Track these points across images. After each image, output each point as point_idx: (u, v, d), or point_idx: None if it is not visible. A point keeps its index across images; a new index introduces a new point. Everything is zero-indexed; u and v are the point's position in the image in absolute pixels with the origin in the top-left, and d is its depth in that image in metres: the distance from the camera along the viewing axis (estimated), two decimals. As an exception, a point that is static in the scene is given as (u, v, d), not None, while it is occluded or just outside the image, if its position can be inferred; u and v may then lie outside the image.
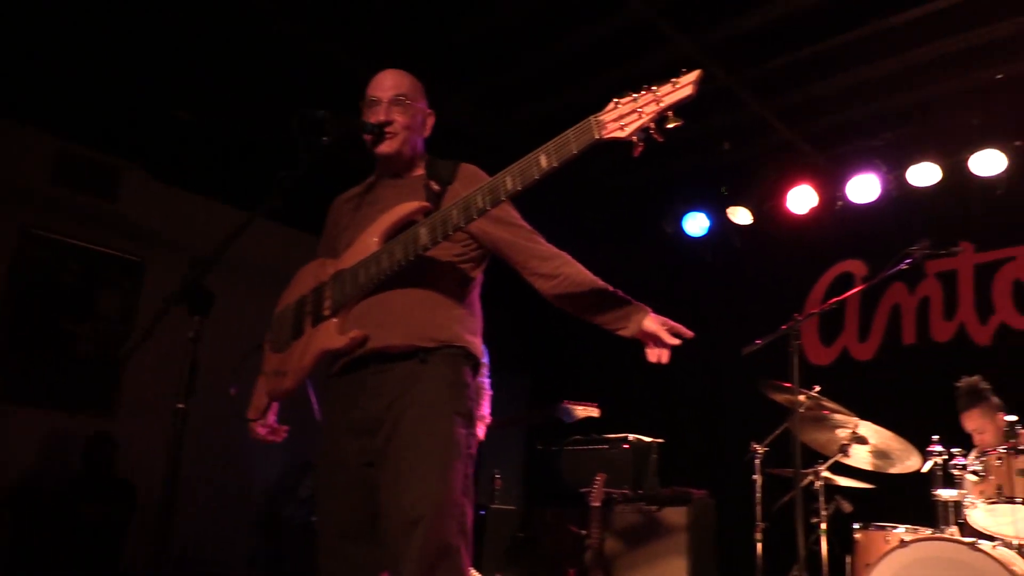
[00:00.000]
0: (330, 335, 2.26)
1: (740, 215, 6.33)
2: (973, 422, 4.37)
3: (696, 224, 6.58)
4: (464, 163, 2.42)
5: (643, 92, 1.90)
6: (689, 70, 1.89)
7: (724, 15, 4.84)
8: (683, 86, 1.86)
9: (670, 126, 1.89)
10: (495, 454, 7.07)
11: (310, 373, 2.32)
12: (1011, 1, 4.54)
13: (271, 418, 2.47)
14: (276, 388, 2.38)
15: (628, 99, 1.91)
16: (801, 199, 6.05)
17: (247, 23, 4.81)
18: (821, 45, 5.02)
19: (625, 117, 1.90)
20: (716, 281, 6.59)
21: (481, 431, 3.60)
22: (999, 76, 5.14)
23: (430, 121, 2.52)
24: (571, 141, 1.96)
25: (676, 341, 2.26)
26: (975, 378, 4.43)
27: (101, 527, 5.19)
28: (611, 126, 1.91)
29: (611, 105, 1.93)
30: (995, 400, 4.35)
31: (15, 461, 5.30)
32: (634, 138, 1.90)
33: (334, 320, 2.26)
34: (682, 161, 6.40)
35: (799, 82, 5.39)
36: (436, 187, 2.35)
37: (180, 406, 1.96)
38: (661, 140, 1.89)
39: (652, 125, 1.88)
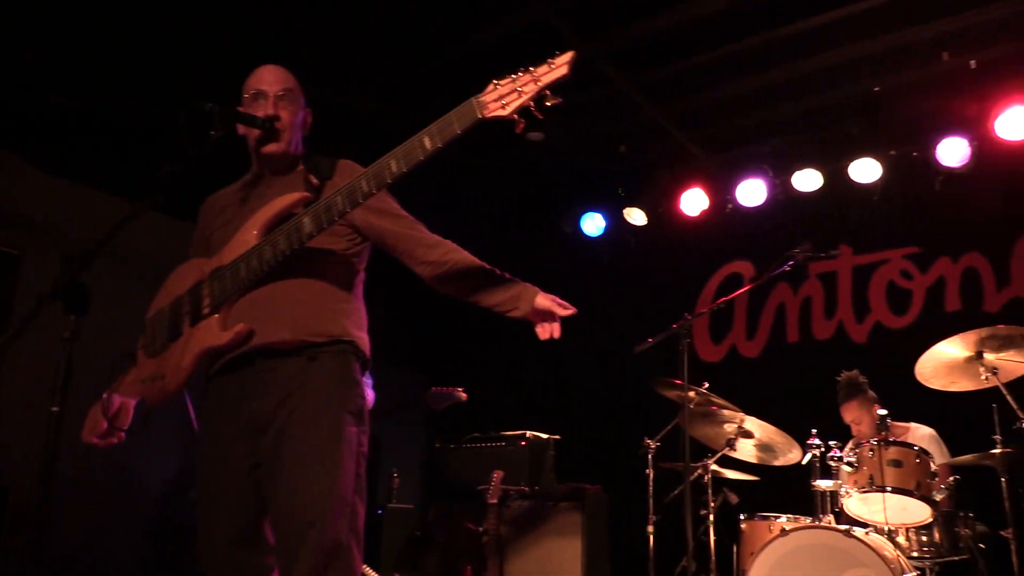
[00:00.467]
0: (212, 332, 2.19)
1: (636, 216, 6.48)
2: (851, 413, 4.62)
3: (593, 224, 6.71)
4: (342, 159, 2.39)
5: (521, 73, 1.99)
6: (572, 60, 1.97)
7: (621, 21, 4.94)
8: (559, 66, 1.96)
9: (549, 104, 1.99)
10: (393, 453, 7.04)
11: (192, 374, 2.25)
12: (889, 17, 4.80)
13: (103, 424, 2.34)
14: (155, 393, 2.29)
15: (507, 80, 2.00)
16: (693, 202, 6.25)
17: (131, 7, 4.61)
18: (714, 53, 5.19)
19: (505, 97, 1.98)
20: (612, 280, 6.73)
21: None
22: (876, 88, 5.43)
23: (308, 118, 2.49)
24: (454, 122, 2.01)
25: (567, 312, 2.29)
26: (854, 372, 4.68)
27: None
28: (492, 106, 1.98)
29: (491, 87, 2.01)
30: (871, 394, 4.61)
31: None
32: (515, 116, 1.98)
33: (215, 317, 2.19)
34: (581, 163, 6.50)
35: (693, 88, 5.56)
36: (316, 181, 2.31)
37: (54, 409, 1.88)
38: (541, 117, 1.99)
39: (532, 103, 1.97)
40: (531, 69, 1.97)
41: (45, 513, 1.89)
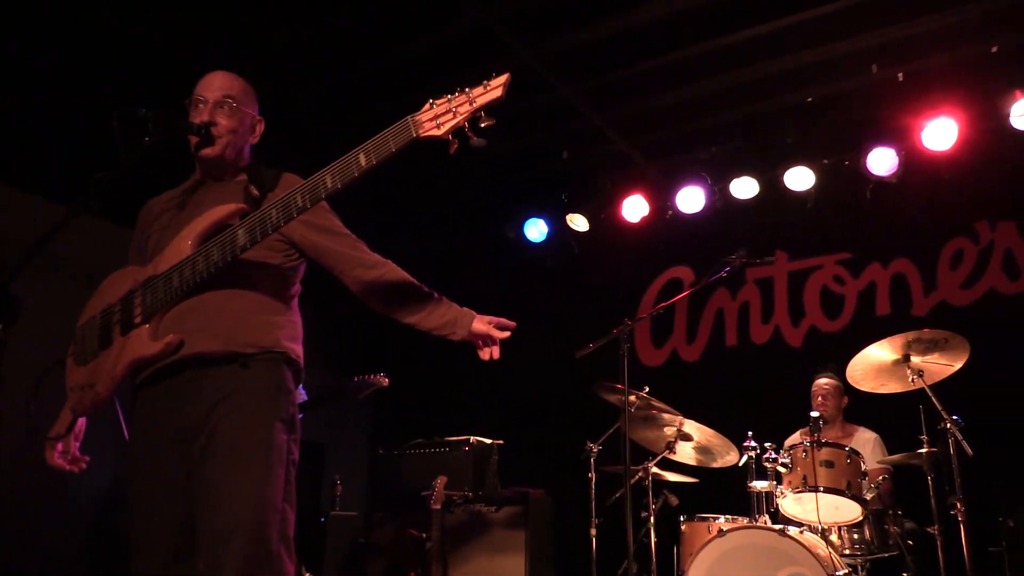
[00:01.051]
0: (143, 342, 2.16)
1: (578, 222, 6.54)
2: (827, 390, 4.79)
3: (536, 230, 6.75)
4: (288, 172, 2.38)
5: (457, 94, 2.01)
6: (507, 82, 2.00)
7: (563, 28, 4.99)
8: (493, 88, 1.99)
9: (483, 125, 2.01)
10: (337, 460, 6.98)
11: (122, 382, 2.22)
12: (822, 30, 4.94)
13: (74, 445, 2.36)
14: (84, 401, 2.25)
15: (443, 100, 2.02)
16: (634, 208, 6.33)
17: (65, 7, 4.50)
18: (655, 61, 5.27)
19: (441, 117, 2.00)
20: (555, 285, 6.78)
21: None
22: (810, 99, 5.59)
23: (260, 128, 2.48)
24: (389, 140, 2.04)
25: (505, 335, 2.36)
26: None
27: None
28: (427, 125, 2.00)
29: (427, 106, 2.02)
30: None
31: None
32: (449, 136, 2.00)
33: (146, 326, 2.17)
34: (524, 169, 6.55)
35: (634, 95, 5.64)
36: (256, 192, 2.30)
37: (-17, 422, 1.83)
38: (474, 138, 2.02)
39: (466, 124, 1.99)
40: (467, 90, 2.00)
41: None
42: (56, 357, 2.35)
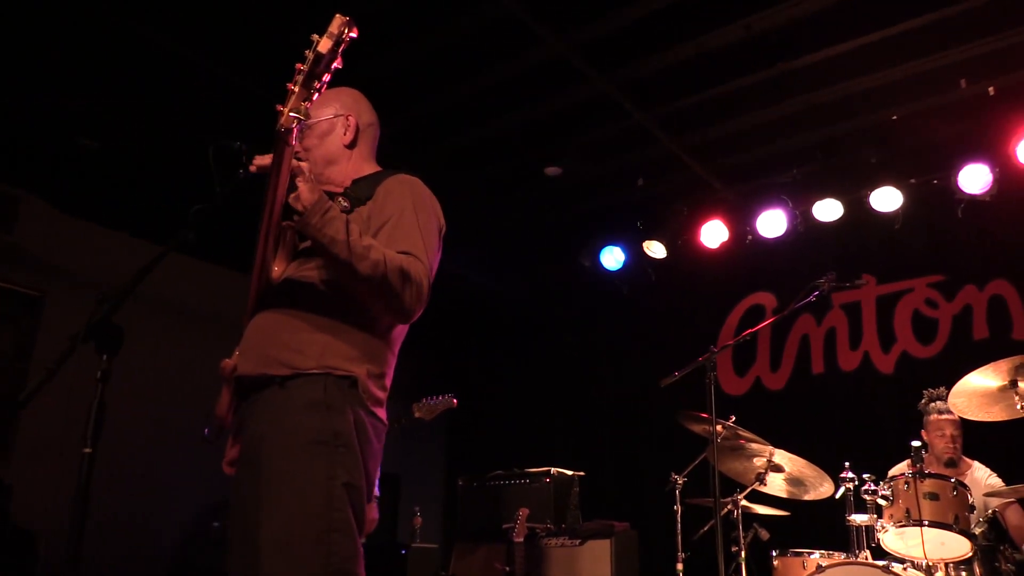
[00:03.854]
0: (229, 359, 2.22)
1: (655, 249, 6.46)
2: (949, 427, 4.47)
3: (612, 258, 6.68)
4: (389, 179, 2.27)
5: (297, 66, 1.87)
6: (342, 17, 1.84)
7: (637, 54, 4.96)
8: (317, 43, 1.84)
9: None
10: (414, 491, 6.97)
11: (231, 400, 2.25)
12: (905, 48, 4.80)
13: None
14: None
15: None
16: (713, 233, 6.22)
17: (156, 51, 4.66)
18: (731, 84, 5.20)
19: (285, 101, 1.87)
20: (632, 314, 6.69)
21: None
22: (894, 117, 5.42)
23: (351, 122, 2.37)
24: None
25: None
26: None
27: (-5, 580, 4.85)
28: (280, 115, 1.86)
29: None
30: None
31: None
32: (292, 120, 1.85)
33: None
34: (598, 196, 6.51)
35: (710, 120, 5.57)
36: (345, 204, 2.20)
37: (87, 450, 1.85)
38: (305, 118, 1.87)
39: (301, 106, 1.84)
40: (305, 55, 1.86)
41: (76, 556, 1.85)
42: (141, 389, 2.38)
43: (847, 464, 4.04)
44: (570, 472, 4.85)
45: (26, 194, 5.70)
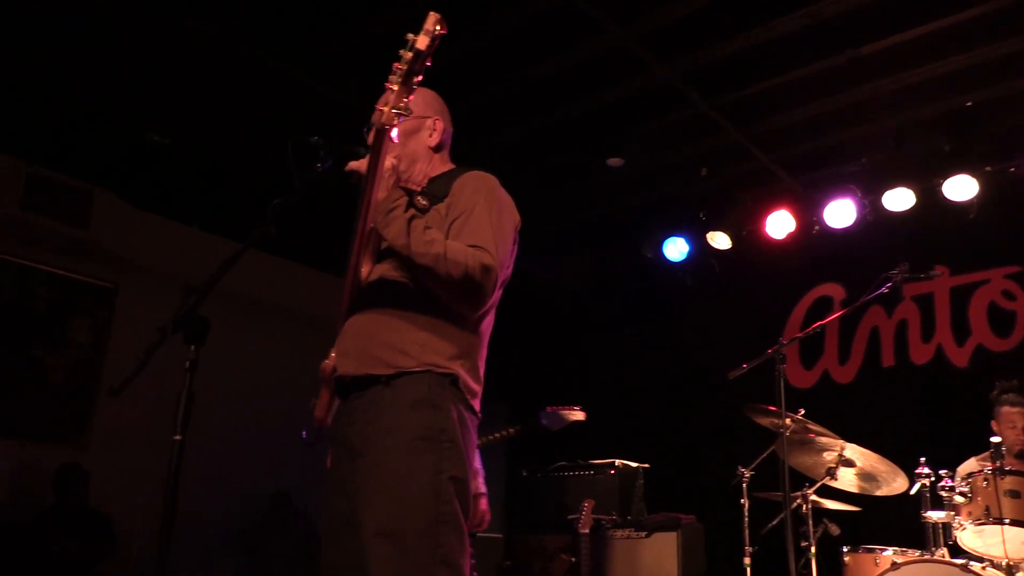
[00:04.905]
0: (326, 360, 2.25)
1: (719, 240, 6.37)
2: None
3: (676, 249, 6.61)
4: (464, 175, 2.29)
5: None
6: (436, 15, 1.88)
7: (700, 42, 4.89)
8: (414, 42, 1.88)
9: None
10: (476, 481, 7.01)
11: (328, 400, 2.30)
12: (978, 31, 4.64)
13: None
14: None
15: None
16: (779, 224, 6.11)
17: (226, 47, 4.76)
18: (796, 73, 5.09)
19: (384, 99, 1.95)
20: (696, 305, 6.63)
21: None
22: (968, 103, 5.25)
23: (438, 125, 2.40)
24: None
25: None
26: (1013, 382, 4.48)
27: (73, 561, 5.04)
28: (377, 113, 1.96)
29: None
30: None
31: (-16, 494, 5.15)
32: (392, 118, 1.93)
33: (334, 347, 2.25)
34: (661, 187, 6.45)
35: (775, 109, 5.47)
36: (424, 203, 2.22)
37: (177, 438, 1.91)
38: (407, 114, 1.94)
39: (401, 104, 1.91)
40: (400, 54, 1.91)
41: (167, 543, 1.91)
42: (215, 382, 2.43)
43: (923, 459, 3.94)
44: (635, 464, 4.83)
45: (100, 189, 5.89)
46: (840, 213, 5.86)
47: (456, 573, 1.99)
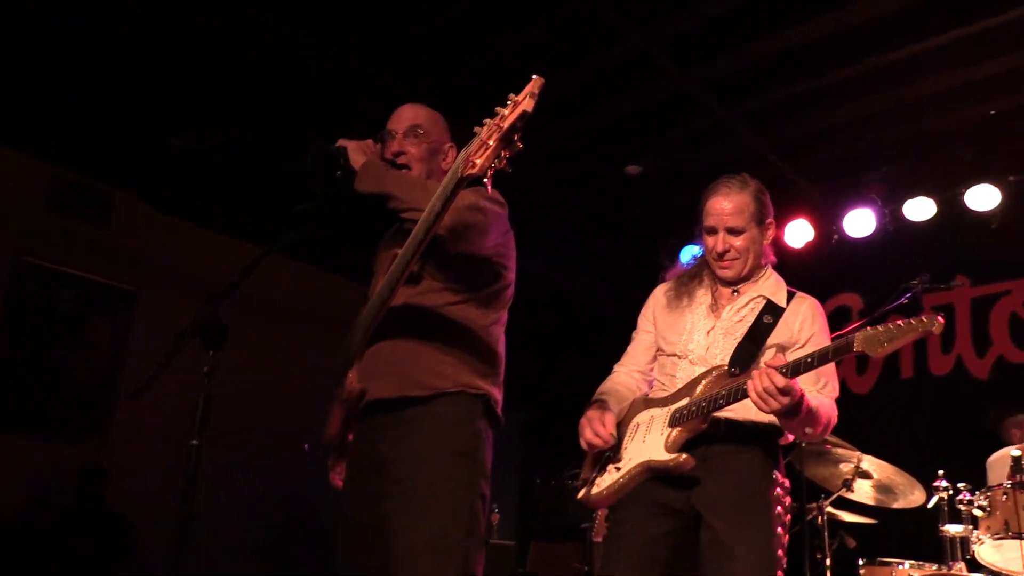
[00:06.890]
0: (349, 384, 2.27)
1: (736, 248, 6.32)
2: None
3: (693, 257, 6.56)
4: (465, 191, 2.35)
5: (487, 122, 1.83)
6: (536, 90, 1.84)
7: (721, 50, 4.88)
8: (520, 102, 1.81)
9: (513, 150, 1.82)
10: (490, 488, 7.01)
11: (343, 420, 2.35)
12: (1002, 39, 4.60)
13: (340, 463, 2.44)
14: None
15: (479, 133, 1.84)
16: (797, 233, 6.06)
17: (247, 51, 4.79)
18: (816, 81, 5.06)
19: (478, 152, 1.82)
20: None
21: None
22: (992, 112, 5.20)
23: (451, 153, 2.45)
24: (449, 186, 1.92)
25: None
26: None
27: (92, 561, 5.08)
28: (465, 164, 1.83)
29: (476, 139, 1.86)
30: None
31: (5, 493, 5.20)
32: (488, 172, 1.81)
33: (352, 370, 2.26)
34: (679, 195, 6.42)
35: (795, 117, 5.44)
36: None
37: (195, 442, 1.93)
38: (510, 171, 1.83)
39: (495, 162, 1.81)
40: (497, 111, 1.83)
41: (183, 540, 1.93)
42: (237, 386, 2.45)
43: (941, 472, 3.90)
44: (649, 473, 4.80)
45: (121, 192, 5.95)
46: (860, 222, 5.82)
47: None
